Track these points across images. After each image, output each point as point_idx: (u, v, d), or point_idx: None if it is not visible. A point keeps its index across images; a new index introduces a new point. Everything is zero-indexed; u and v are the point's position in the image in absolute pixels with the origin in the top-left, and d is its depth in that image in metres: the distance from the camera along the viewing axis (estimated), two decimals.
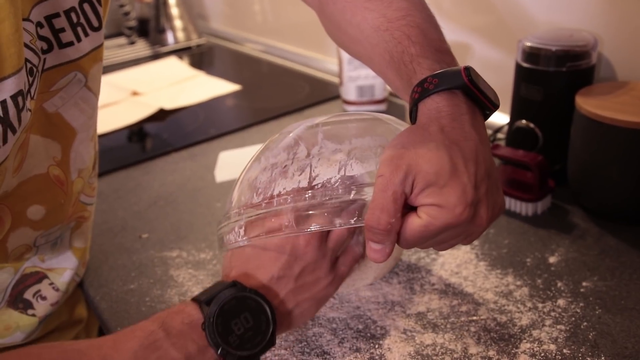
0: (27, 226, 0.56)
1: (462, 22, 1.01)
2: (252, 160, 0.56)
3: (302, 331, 0.59)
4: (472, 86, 0.45)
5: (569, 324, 0.58)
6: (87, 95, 0.58)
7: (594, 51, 0.76)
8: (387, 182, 0.41)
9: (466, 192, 0.41)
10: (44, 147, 0.55)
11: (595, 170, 0.72)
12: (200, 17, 1.73)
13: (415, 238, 0.42)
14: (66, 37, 0.53)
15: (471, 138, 0.43)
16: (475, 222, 0.43)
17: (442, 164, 0.41)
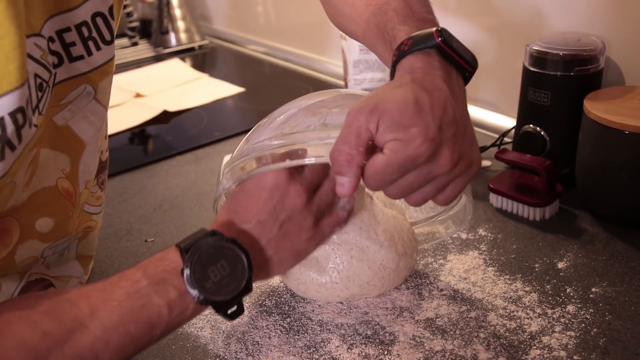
0: (36, 239, 0.56)
1: (469, 26, 1.01)
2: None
3: (310, 337, 0.59)
4: (444, 45, 0.47)
5: (578, 330, 0.58)
6: (97, 108, 0.58)
7: (601, 55, 0.76)
8: (352, 118, 0.44)
9: (428, 129, 0.43)
10: (53, 160, 0.55)
11: (604, 174, 0.71)
12: (203, 19, 1.72)
13: (378, 175, 0.44)
14: (76, 51, 0.53)
15: (441, 89, 0.45)
16: (437, 162, 0.44)
17: (407, 104, 0.43)
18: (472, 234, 0.74)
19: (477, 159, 0.48)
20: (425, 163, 0.44)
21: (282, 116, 0.57)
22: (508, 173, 0.81)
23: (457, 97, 0.47)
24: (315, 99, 0.59)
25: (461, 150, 0.45)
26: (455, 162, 0.45)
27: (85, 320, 0.41)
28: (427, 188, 0.46)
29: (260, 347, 0.58)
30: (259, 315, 0.63)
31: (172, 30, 1.55)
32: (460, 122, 0.46)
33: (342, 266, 0.61)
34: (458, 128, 0.45)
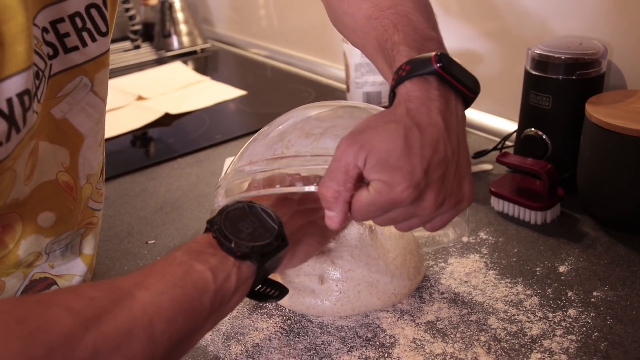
0: (38, 233, 0.56)
1: (470, 30, 1.01)
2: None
3: (311, 339, 0.59)
4: (443, 72, 0.46)
5: (580, 334, 0.57)
6: (94, 100, 0.58)
7: (603, 59, 0.76)
8: (341, 153, 0.44)
9: (413, 173, 0.43)
10: (52, 154, 0.55)
11: (606, 178, 0.71)
12: (206, 22, 1.73)
13: (362, 210, 0.45)
14: (71, 42, 0.53)
15: (436, 124, 0.45)
16: (421, 205, 0.45)
17: (396, 144, 0.43)
18: (473, 237, 0.73)
19: (468, 195, 0.47)
20: (409, 205, 0.44)
21: (277, 130, 0.57)
22: (509, 177, 0.81)
23: (453, 129, 0.46)
24: (314, 111, 0.59)
25: (448, 191, 0.45)
26: (440, 204, 0.45)
27: (131, 289, 0.40)
28: (413, 220, 0.47)
29: (261, 349, 0.58)
30: (260, 317, 0.62)
31: (174, 34, 1.55)
32: (452, 159, 0.45)
33: (348, 299, 0.61)
34: (448, 167, 0.45)
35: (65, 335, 0.35)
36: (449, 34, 1.04)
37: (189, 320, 0.42)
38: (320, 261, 0.61)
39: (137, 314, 0.39)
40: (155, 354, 0.39)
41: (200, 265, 0.44)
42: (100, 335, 0.36)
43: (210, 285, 0.43)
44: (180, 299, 0.41)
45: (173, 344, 0.41)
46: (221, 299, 0.45)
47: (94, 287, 0.39)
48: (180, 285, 0.42)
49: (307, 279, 0.61)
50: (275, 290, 0.51)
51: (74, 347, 0.35)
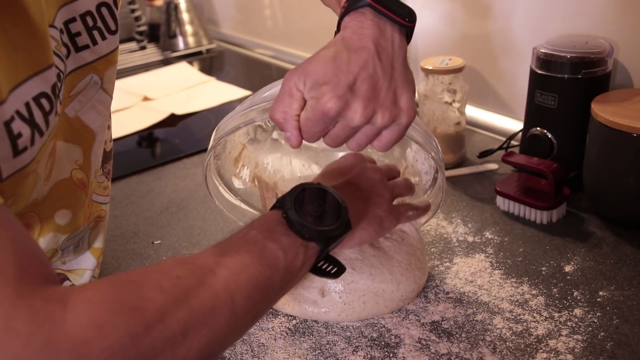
0: (56, 231, 0.57)
1: (476, 29, 1.01)
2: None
3: (316, 339, 0.59)
4: (375, 4, 0.50)
5: (585, 334, 0.57)
6: (103, 97, 0.59)
7: (609, 58, 0.76)
8: (285, 80, 0.50)
9: (338, 85, 0.47)
10: (66, 152, 0.56)
11: (612, 178, 0.71)
12: (211, 23, 1.73)
13: (305, 128, 0.50)
14: (82, 40, 0.54)
15: (366, 47, 0.49)
16: (348, 115, 0.48)
17: (326, 64, 0.48)
18: (478, 236, 0.73)
19: (407, 110, 0.50)
20: (340, 117, 0.49)
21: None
22: (515, 176, 0.81)
23: (386, 52, 0.50)
24: None
25: (378, 103, 0.49)
26: (369, 116, 0.49)
27: (212, 267, 0.43)
28: (358, 136, 0.51)
29: (266, 349, 0.58)
30: (265, 317, 0.63)
31: (180, 34, 1.56)
32: (382, 77, 0.49)
33: (354, 310, 0.61)
34: (377, 83, 0.49)
35: (159, 312, 0.37)
36: (455, 33, 1.04)
37: (263, 295, 0.45)
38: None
39: (220, 290, 0.42)
40: (235, 327, 0.43)
41: (272, 244, 0.47)
42: (189, 311, 0.39)
43: (282, 263, 0.47)
44: (257, 276, 0.44)
45: (250, 317, 0.45)
46: (290, 276, 0.48)
47: (179, 266, 0.42)
48: (256, 264, 0.45)
49: (307, 291, 0.61)
50: (334, 267, 0.54)
51: (167, 323, 0.38)
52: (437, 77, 0.87)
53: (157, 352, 0.37)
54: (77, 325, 0.34)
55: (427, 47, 1.09)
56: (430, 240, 0.74)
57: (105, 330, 0.35)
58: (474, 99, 1.01)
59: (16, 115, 0.43)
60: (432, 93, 0.88)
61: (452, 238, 0.74)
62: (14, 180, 0.45)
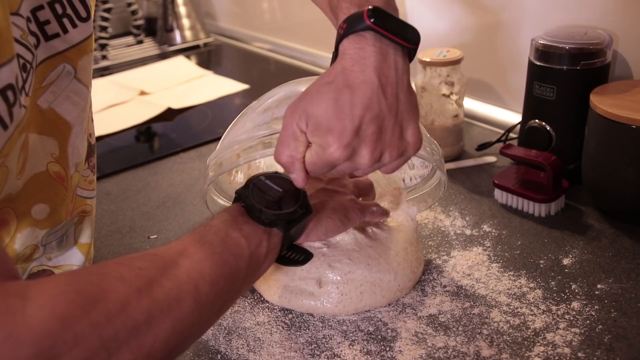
0: (33, 226, 0.56)
1: (474, 20, 1.00)
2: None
3: (312, 333, 0.59)
4: (376, 27, 0.47)
5: (583, 327, 0.57)
6: (78, 87, 0.57)
7: (608, 49, 0.75)
8: (286, 123, 0.48)
9: (343, 134, 0.45)
10: (41, 145, 0.55)
11: (611, 170, 0.71)
12: (208, 16, 1.72)
13: (311, 168, 0.49)
14: (51, 29, 0.53)
15: (369, 81, 0.46)
16: (358, 161, 0.47)
17: (327, 107, 0.46)
18: (476, 230, 0.73)
19: (413, 143, 0.49)
20: (347, 161, 0.48)
21: (259, 108, 0.62)
22: (513, 169, 0.80)
23: (390, 83, 0.47)
24: (303, 86, 0.62)
25: (385, 144, 0.47)
26: (377, 157, 0.48)
27: (174, 258, 0.43)
28: (360, 172, 0.51)
29: (262, 343, 0.58)
30: (261, 311, 0.62)
31: (177, 28, 1.55)
32: (388, 113, 0.47)
33: (351, 301, 0.61)
34: (384, 121, 0.47)
35: (121, 302, 0.37)
36: (453, 25, 1.03)
37: (229, 284, 0.45)
38: (316, 265, 0.61)
39: (183, 279, 0.42)
40: (201, 316, 0.43)
41: (235, 233, 0.47)
42: (152, 301, 0.39)
43: (245, 251, 0.47)
44: (220, 264, 0.45)
45: (216, 306, 0.45)
46: (255, 264, 0.48)
47: (140, 259, 0.42)
48: (218, 252, 0.45)
49: (303, 282, 0.61)
50: (300, 255, 0.55)
51: (130, 313, 0.37)
52: (434, 69, 0.86)
53: (120, 342, 0.37)
54: (38, 318, 0.34)
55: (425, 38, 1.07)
56: (427, 233, 0.73)
57: (67, 321, 0.34)
58: (472, 91, 1.00)
59: None
60: (429, 85, 0.87)
61: (450, 231, 0.73)
62: None
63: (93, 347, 0.35)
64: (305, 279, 0.61)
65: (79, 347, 0.35)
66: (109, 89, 1.29)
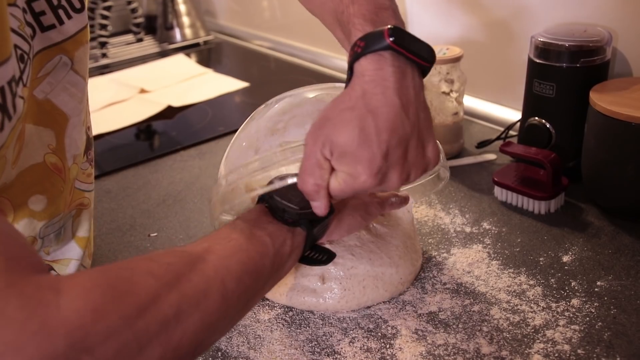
0: (31, 217, 0.56)
1: (473, 18, 1.00)
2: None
3: (312, 330, 0.59)
4: (396, 46, 0.46)
5: (583, 324, 0.57)
6: (75, 79, 0.58)
7: (608, 46, 0.75)
8: (309, 151, 0.47)
9: (372, 162, 0.45)
10: (37, 136, 0.55)
11: (610, 167, 0.71)
12: (208, 14, 1.72)
13: (337, 195, 0.48)
14: (47, 20, 0.53)
15: (391, 104, 0.45)
16: (387, 184, 0.47)
17: (353, 136, 0.45)
18: (476, 227, 0.73)
19: (433, 159, 0.49)
20: (376, 187, 0.47)
21: (250, 132, 0.61)
22: (513, 166, 0.80)
23: (411, 103, 0.47)
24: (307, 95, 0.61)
25: (411, 165, 0.48)
26: (405, 179, 0.48)
27: (202, 254, 0.44)
28: (384, 193, 0.52)
29: (262, 341, 0.58)
30: (261, 309, 0.62)
31: (177, 26, 1.55)
32: (412, 134, 0.47)
33: (354, 296, 0.61)
34: (409, 142, 0.47)
35: (152, 296, 0.38)
36: (452, 22, 1.03)
37: (254, 281, 0.46)
38: None
39: (210, 275, 0.42)
40: (228, 311, 0.44)
41: (259, 231, 0.48)
42: (181, 295, 0.40)
43: (270, 249, 0.48)
44: (246, 261, 0.45)
45: (241, 302, 0.45)
46: (279, 262, 0.49)
47: (168, 255, 0.43)
48: (244, 249, 0.46)
49: (305, 279, 0.61)
50: (324, 255, 0.55)
51: (160, 307, 0.38)
52: (434, 66, 0.85)
53: (151, 336, 0.37)
54: (72, 310, 0.34)
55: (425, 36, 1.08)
56: (427, 231, 0.73)
57: (99, 314, 0.35)
58: (471, 89, 1.00)
59: None
60: (429, 83, 0.87)
61: (450, 229, 0.73)
62: None
63: (125, 340, 0.36)
64: (307, 276, 0.61)
65: (110, 340, 0.35)
66: (109, 87, 1.29)
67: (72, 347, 0.33)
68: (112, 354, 0.35)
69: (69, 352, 0.33)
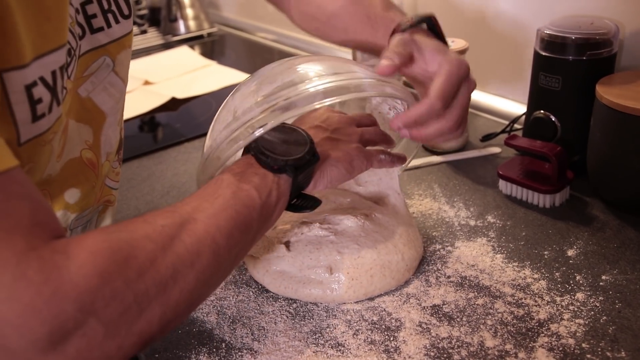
0: (65, 209, 0.58)
1: (479, 10, 0.99)
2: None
3: (316, 322, 0.59)
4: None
5: (588, 318, 0.57)
6: (115, 80, 0.60)
7: (615, 39, 0.75)
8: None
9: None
10: (77, 131, 0.57)
11: (616, 161, 0.70)
12: (212, 6, 1.72)
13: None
14: (97, 22, 0.56)
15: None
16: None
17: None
18: (480, 220, 0.73)
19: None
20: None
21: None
22: (518, 159, 0.80)
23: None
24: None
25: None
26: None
27: (191, 214, 0.45)
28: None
29: (266, 332, 0.58)
30: (265, 300, 0.62)
31: (181, 18, 1.54)
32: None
33: (361, 285, 0.61)
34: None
35: (150, 259, 0.40)
36: (457, 15, 1.03)
37: (243, 234, 0.48)
38: (325, 253, 0.62)
39: (201, 234, 0.45)
40: (220, 266, 0.46)
41: (245, 185, 0.50)
42: (176, 256, 0.42)
43: (257, 201, 0.50)
44: (234, 216, 0.48)
45: (232, 255, 0.48)
46: (266, 213, 0.51)
47: (161, 216, 0.44)
48: (232, 205, 0.48)
49: (312, 271, 0.61)
50: (309, 201, 0.57)
51: (158, 269, 0.41)
52: None
53: (151, 297, 0.40)
54: (81, 274, 0.37)
55: None
56: (431, 224, 0.73)
57: (105, 278, 0.37)
58: (477, 82, 0.99)
59: (39, 81, 0.45)
60: None
61: (454, 222, 0.73)
62: (31, 147, 0.46)
63: (127, 302, 0.38)
64: (313, 268, 0.61)
65: (114, 302, 0.38)
66: None
67: (81, 309, 0.36)
68: (117, 316, 0.38)
69: (78, 315, 0.36)
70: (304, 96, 0.52)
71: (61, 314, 0.36)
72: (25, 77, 0.43)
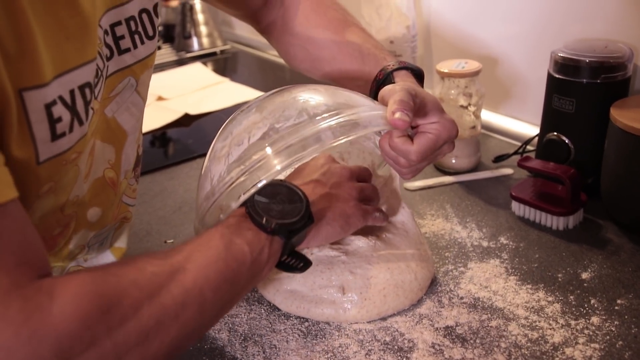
0: (87, 228, 0.59)
1: (493, 33, 1.00)
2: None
3: (328, 342, 0.58)
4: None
5: (603, 342, 0.56)
6: (137, 99, 0.61)
7: (629, 63, 0.75)
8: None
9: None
10: (102, 152, 0.58)
11: (630, 184, 0.70)
12: (225, 24, 1.74)
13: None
14: (125, 43, 0.56)
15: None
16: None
17: (436, 101, 0.59)
18: (493, 242, 0.73)
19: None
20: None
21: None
22: (531, 181, 0.80)
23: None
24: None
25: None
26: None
27: (182, 263, 0.45)
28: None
29: (278, 351, 0.58)
30: (277, 319, 0.62)
31: (194, 35, 1.56)
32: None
33: (374, 305, 0.61)
34: None
35: (134, 307, 0.40)
36: (471, 37, 1.03)
37: (231, 288, 0.48)
38: (337, 273, 0.61)
39: (189, 286, 0.44)
40: (204, 320, 0.46)
41: (238, 239, 0.49)
42: (161, 307, 0.42)
43: (248, 257, 0.49)
44: (224, 270, 0.47)
45: (217, 308, 0.48)
46: (256, 269, 0.50)
47: (151, 263, 0.44)
48: (223, 259, 0.47)
49: (324, 291, 0.61)
50: (300, 261, 0.56)
51: (141, 318, 0.40)
52: (452, 80, 0.86)
53: (130, 346, 0.39)
54: (62, 317, 0.36)
55: (443, 50, 1.08)
56: (444, 244, 0.73)
57: (86, 323, 0.37)
58: (489, 103, 1.00)
59: (58, 100, 0.45)
60: (447, 96, 0.87)
61: (467, 243, 0.73)
62: (51, 166, 0.46)
63: (105, 350, 0.38)
64: (326, 287, 0.61)
65: (93, 349, 0.37)
66: None
67: (58, 354, 0.36)
68: None
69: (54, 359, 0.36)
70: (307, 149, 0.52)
71: (36, 358, 0.35)
72: (45, 96, 0.43)
